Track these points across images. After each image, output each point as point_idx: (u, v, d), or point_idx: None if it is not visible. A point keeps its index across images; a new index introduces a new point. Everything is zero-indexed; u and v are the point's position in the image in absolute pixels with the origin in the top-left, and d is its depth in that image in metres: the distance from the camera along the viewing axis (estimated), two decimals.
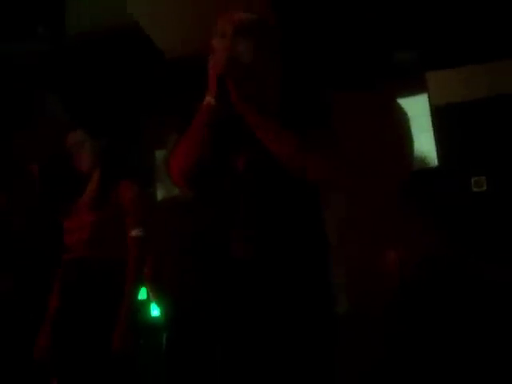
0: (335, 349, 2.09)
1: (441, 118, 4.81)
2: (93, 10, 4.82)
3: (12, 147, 4.50)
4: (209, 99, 2.09)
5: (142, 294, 3.90)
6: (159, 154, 5.29)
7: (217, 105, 2.07)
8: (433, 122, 4.85)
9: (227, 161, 2.15)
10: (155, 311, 3.97)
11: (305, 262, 2.09)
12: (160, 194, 5.10)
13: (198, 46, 4.86)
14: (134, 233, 3.23)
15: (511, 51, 4.63)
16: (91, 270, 3.17)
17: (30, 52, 4.48)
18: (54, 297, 3.31)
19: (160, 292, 3.69)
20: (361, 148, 3.98)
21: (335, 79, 4.56)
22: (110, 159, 3.46)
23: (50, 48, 4.58)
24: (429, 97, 4.87)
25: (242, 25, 2.19)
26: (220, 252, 2.11)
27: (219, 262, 2.11)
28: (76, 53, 5.04)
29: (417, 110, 4.91)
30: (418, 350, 2.61)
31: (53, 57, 4.72)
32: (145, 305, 4.09)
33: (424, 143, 4.82)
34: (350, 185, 3.83)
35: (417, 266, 2.68)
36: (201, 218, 2.41)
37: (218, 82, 2.04)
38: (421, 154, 4.80)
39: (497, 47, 4.66)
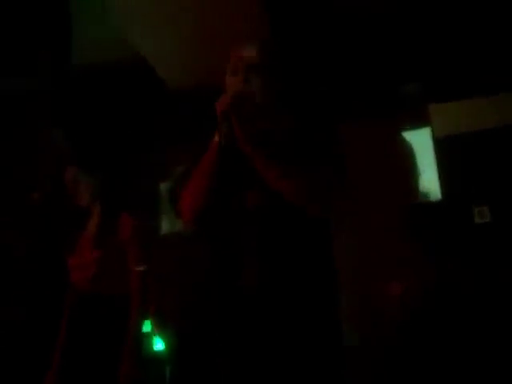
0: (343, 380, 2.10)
1: (443, 150, 4.83)
2: (96, 42, 4.86)
3: (13, 175, 4.52)
4: (216, 138, 2.11)
5: (146, 326, 3.89)
6: (164, 187, 5.31)
7: (223, 143, 2.08)
8: (435, 154, 4.87)
9: (235, 196, 2.17)
10: (159, 344, 3.95)
11: (314, 295, 2.11)
12: (164, 227, 5.10)
13: (201, 77, 5.00)
14: (136, 267, 3.24)
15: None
16: (97, 306, 3.20)
17: (34, 84, 4.52)
18: (61, 335, 3.31)
19: (163, 325, 3.69)
20: (366, 179, 3.99)
21: (341, 111, 4.59)
22: (108, 194, 3.48)
23: (53, 79, 4.61)
24: (432, 129, 4.90)
25: (253, 61, 2.22)
26: (227, 284, 2.13)
27: (227, 293, 2.13)
28: (79, 84, 5.08)
29: (420, 142, 4.94)
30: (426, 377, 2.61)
31: (56, 88, 4.76)
32: (148, 338, 4.08)
33: (427, 176, 4.84)
34: (356, 217, 3.85)
35: (420, 298, 2.68)
36: (205, 252, 2.42)
37: (223, 119, 2.07)
38: (424, 187, 4.82)
39: (499, 80, 4.69)
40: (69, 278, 3.40)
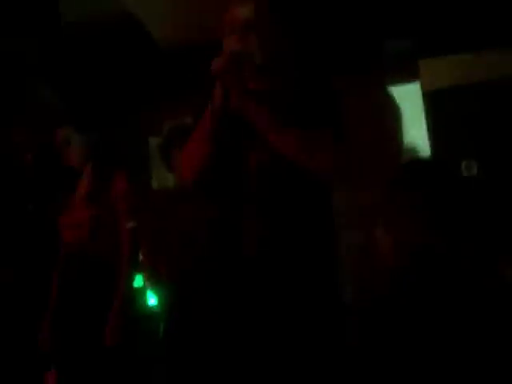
0: (343, 340, 2.14)
1: (432, 104, 4.85)
2: None
3: (5, 135, 4.49)
4: (213, 101, 2.09)
5: (138, 282, 3.91)
6: (153, 141, 5.29)
7: (221, 106, 2.07)
8: (424, 108, 4.89)
9: (238, 159, 2.17)
10: (152, 299, 3.99)
11: (314, 257, 2.12)
12: (155, 182, 5.11)
13: (192, 34, 4.96)
14: (127, 224, 3.26)
15: (501, 40, 4.67)
16: (89, 264, 3.22)
17: (25, 43, 4.46)
18: (53, 291, 3.34)
19: (157, 280, 3.71)
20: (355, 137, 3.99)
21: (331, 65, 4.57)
22: (100, 153, 3.46)
23: (43, 37, 4.56)
24: (421, 84, 4.91)
25: (249, 20, 2.19)
26: (229, 247, 2.14)
27: (229, 257, 2.14)
28: (70, 42, 5.02)
29: (409, 97, 4.96)
30: (411, 343, 2.64)
31: (48, 46, 4.70)
32: (141, 293, 4.11)
33: (416, 131, 4.87)
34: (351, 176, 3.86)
35: (408, 255, 2.70)
36: (204, 210, 2.42)
37: (220, 78, 2.05)
38: (412, 143, 4.85)
39: (488, 36, 4.69)
40: (59, 238, 3.41)
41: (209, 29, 3.13)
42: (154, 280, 3.72)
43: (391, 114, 4.79)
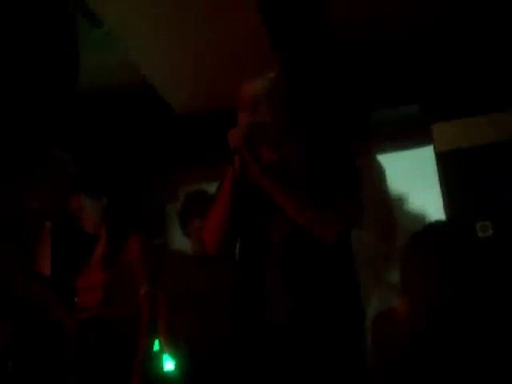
0: None
1: (445, 166, 4.87)
2: (104, 66, 4.91)
3: (22, 200, 4.53)
4: (230, 172, 2.17)
5: (155, 345, 3.88)
6: (170, 208, 5.34)
7: (238, 177, 2.14)
8: (438, 170, 4.92)
9: (260, 229, 2.22)
10: (169, 364, 3.95)
11: (339, 327, 2.13)
12: (171, 246, 5.11)
13: (208, 102, 5.06)
14: (143, 289, 3.25)
15: None
16: (105, 329, 3.20)
17: (42, 111, 4.55)
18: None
19: (174, 345, 3.69)
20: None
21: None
22: (114, 217, 3.48)
23: (61, 105, 4.65)
24: (434, 147, 4.95)
25: (260, 95, 2.28)
26: (251, 313, 2.16)
27: (251, 324, 2.16)
28: (88, 109, 5.12)
29: (422, 160, 5.01)
30: None
31: (66, 113, 4.79)
32: (158, 357, 4.08)
33: (430, 194, 4.90)
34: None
35: (424, 318, 2.69)
36: (226, 278, 2.43)
37: (237, 153, 2.13)
38: (426, 205, 4.88)
39: (499, 98, 4.75)
40: (76, 301, 3.41)
41: (224, 96, 3.22)
42: (171, 344, 3.71)
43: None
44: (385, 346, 2.78)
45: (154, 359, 3.44)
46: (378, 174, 5.09)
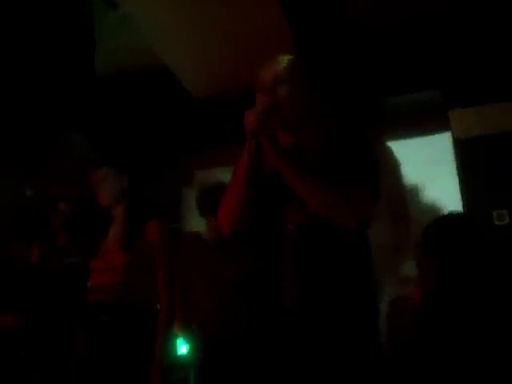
0: None
1: (463, 153, 4.84)
2: (121, 49, 4.90)
3: (39, 188, 4.54)
4: (245, 155, 2.16)
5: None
6: (184, 192, 5.34)
7: (254, 160, 2.13)
8: (455, 157, 4.89)
9: (277, 216, 2.20)
10: (183, 348, 3.95)
11: (355, 315, 2.12)
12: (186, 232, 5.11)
13: (225, 85, 5.04)
14: (162, 273, 3.24)
15: None
16: (124, 312, 3.18)
17: (58, 92, 4.56)
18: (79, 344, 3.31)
19: (188, 329, 3.69)
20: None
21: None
22: (134, 197, 3.46)
23: (78, 87, 4.66)
24: (452, 134, 4.92)
25: (277, 77, 2.26)
26: (265, 300, 2.15)
27: (266, 310, 2.15)
28: (105, 92, 5.11)
29: (440, 147, 4.98)
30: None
31: (81, 95, 4.80)
32: (172, 341, 4.08)
33: (447, 181, 4.87)
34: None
35: (438, 304, 2.67)
36: (241, 265, 2.43)
37: (252, 136, 2.11)
38: (444, 192, 4.85)
39: None
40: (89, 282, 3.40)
41: (241, 80, 3.19)
42: (185, 328, 3.71)
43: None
44: (399, 331, 2.78)
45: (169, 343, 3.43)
46: (392, 162, 5.06)
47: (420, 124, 5.02)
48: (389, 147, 5.03)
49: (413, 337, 2.64)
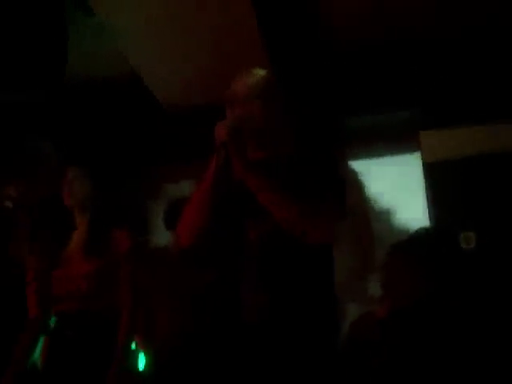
0: None
1: (432, 175, 4.88)
2: (95, 56, 4.87)
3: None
4: (212, 166, 2.14)
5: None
6: (152, 204, 5.30)
7: (221, 171, 2.10)
8: (424, 178, 4.92)
9: (238, 228, 2.18)
10: (143, 362, 3.90)
11: (313, 330, 2.10)
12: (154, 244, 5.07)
13: (197, 98, 5.02)
14: (127, 286, 3.18)
15: (502, 113, 4.74)
16: (88, 322, 3.09)
17: (27, 98, 4.50)
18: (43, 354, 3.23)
19: (149, 344, 3.65)
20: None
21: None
22: (100, 204, 3.38)
23: (48, 95, 4.60)
24: (421, 155, 4.95)
25: (250, 91, 2.26)
26: (227, 314, 2.13)
27: (228, 325, 2.13)
28: (75, 99, 5.07)
29: (409, 168, 5.01)
30: None
31: (52, 102, 4.75)
32: (133, 355, 4.02)
33: (415, 202, 4.90)
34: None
35: (402, 322, 2.70)
36: (201, 276, 2.40)
37: (221, 148, 2.10)
38: (412, 213, 4.88)
39: (488, 109, 4.77)
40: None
41: (213, 93, 3.18)
42: (146, 342, 3.66)
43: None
44: (361, 346, 2.79)
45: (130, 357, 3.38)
46: (358, 182, 5.08)
47: (390, 144, 5.04)
48: (355, 167, 5.06)
49: (375, 350, 2.65)
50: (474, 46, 4.83)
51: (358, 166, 5.10)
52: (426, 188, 4.91)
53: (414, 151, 5.02)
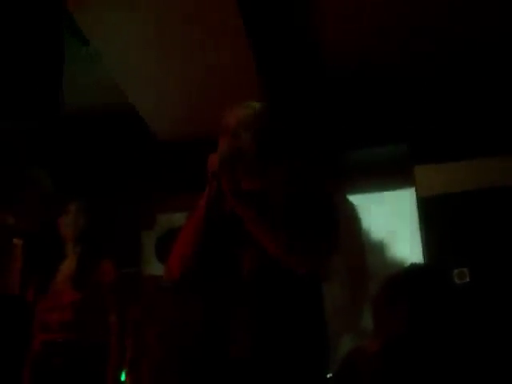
0: None
1: (426, 210, 4.88)
2: (88, 85, 4.88)
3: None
4: (205, 197, 2.12)
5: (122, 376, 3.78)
6: (145, 235, 5.28)
7: (212, 203, 2.09)
8: (418, 213, 4.92)
9: (230, 261, 2.15)
10: None
11: (305, 364, 2.08)
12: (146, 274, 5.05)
13: (190, 130, 5.03)
14: (114, 317, 3.18)
15: (496, 149, 4.76)
16: (76, 354, 3.09)
17: (22, 128, 4.50)
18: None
19: (139, 378, 3.61)
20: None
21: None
22: (93, 235, 3.41)
23: (42, 124, 4.60)
24: (416, 190, 4.96)
25: (243, 123, 2.25)
26: (217, 350, 2.10)
27: (216, 362, 2.10)
28: (69, 130, 5.07)
29: (403, 203, 5.01)
30: None
31: (46, 133, 4.75)
32: None
33: (409, 236, 4.90)
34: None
35: (395, 359, 2.67)
36: (192, 311, 2.37)
37: (213, 178, 2.08)
38: (405, 248, 4.88)
39: (482, 145, 4.79)
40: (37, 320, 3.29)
41: (207, 125, 3.19)
42: (135, 378, 3.63)
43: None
44: (354, 380, 2.76)
45: None
46: (353, 216, 5.08)
47: (385, 179, 5.05)
48: (351, 201, 5.06)
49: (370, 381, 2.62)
50: (472, 79, 4.88)
51: (353, 199, 5.10)
52: (421, 222, 4.91)
53: (409, 186, 5.02)
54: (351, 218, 5.02)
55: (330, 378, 2.32)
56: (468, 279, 4.61)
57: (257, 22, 4.09)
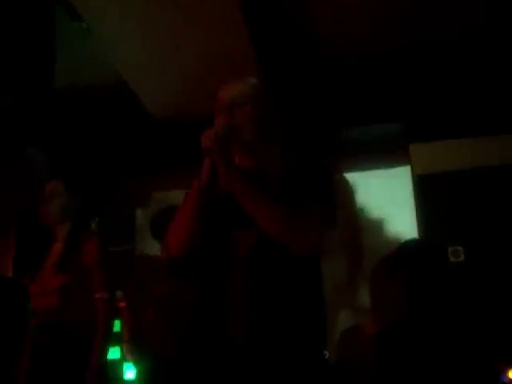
0: None
1: (421, 188, 4.88)
2: (82, 63, 4.84)
3: None
4: (201, 177, 2.10)
5: (115, 353, 3.78)
6: (140, 213, 5.28)
7: (208, 183, 2.08)
8: (414, 191, 4.93)
9: (227, 240, 2.14)
10: (130, 373, 3.86)
11: (304, 340, 2.08)
12: (139, 252, 5.05)
13: (185, 108, 5.01)
14: (99, 295, 3.12)
15: (492, 128, 4.75)
16: (60, 334, 3.07)
17: (14, 105, 4.47)
18: (24, 360, 3.22)
19: (137, 353, 3.62)
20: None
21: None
22: (83, 216, 3.36)
23: (35, 100, 4.57)
24: (411, 168, 4.96)
25: (238, 98, 2.22)
26: (215, 327, 2.10)
27: (215, 343, 2.10)
28: (63, 107, 5.04)
29: (399, 180, 5.01)
30: None
31: (39, 110, 4.72)
32: (117, 365, 3.98)
33: (404, 214, 4.90)
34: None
35: (392, 336, 2.67)
36: (189, 289, 2.37)
37: (207, 155, 2.07)
38: (401, 225, 4.88)
39: (479, 123, 4.78)
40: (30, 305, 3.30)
41: (202, 102, 3.16)
42: (133, 353, 3.64)
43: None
44: (350, 360, 2.76)
45: (111, 367, 3.34)
46: (349, 194, 5.08)
47: (381, 157, 5.04)
48: (347, 178, 5.06)
49: (369, 363, 2.63)
50: (468, 58, 4.86)
51: (349, 177, 5.10)
52: (416, 200, 4.91)
53: (405, 164, 5.02)
54: (347, 195, 5.02)
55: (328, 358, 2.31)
56: (462, 257, 4.62)
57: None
